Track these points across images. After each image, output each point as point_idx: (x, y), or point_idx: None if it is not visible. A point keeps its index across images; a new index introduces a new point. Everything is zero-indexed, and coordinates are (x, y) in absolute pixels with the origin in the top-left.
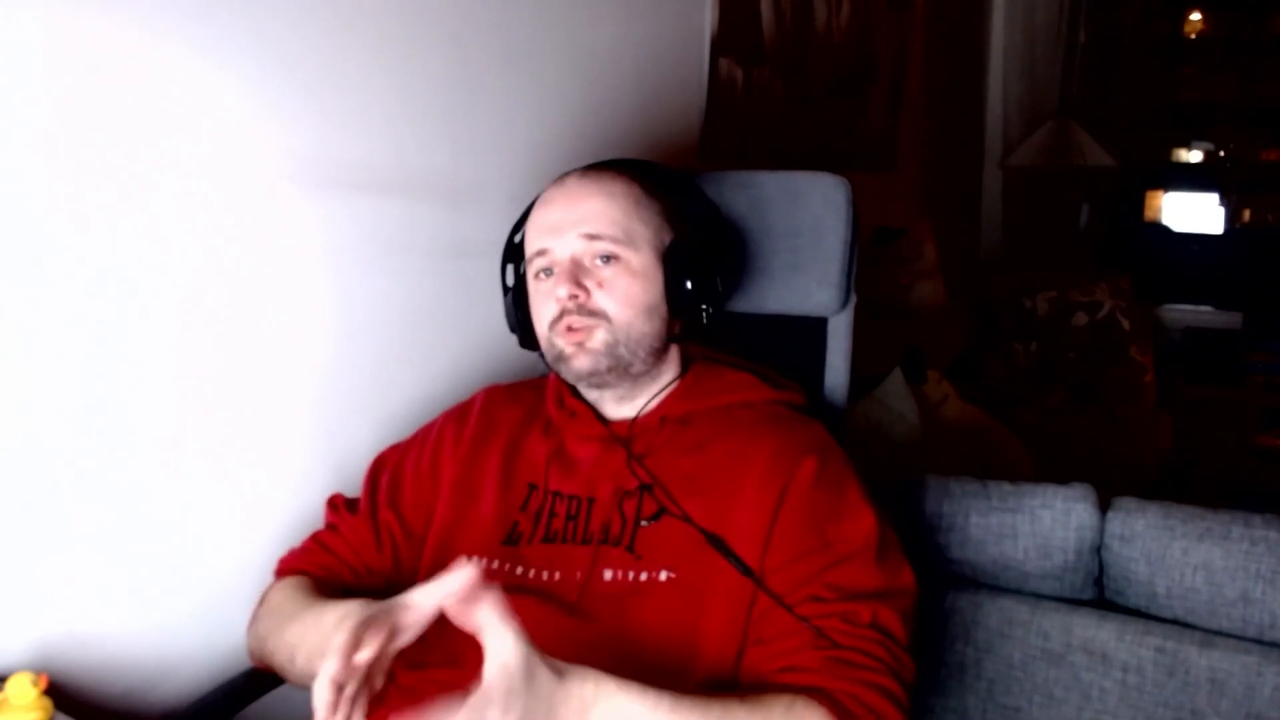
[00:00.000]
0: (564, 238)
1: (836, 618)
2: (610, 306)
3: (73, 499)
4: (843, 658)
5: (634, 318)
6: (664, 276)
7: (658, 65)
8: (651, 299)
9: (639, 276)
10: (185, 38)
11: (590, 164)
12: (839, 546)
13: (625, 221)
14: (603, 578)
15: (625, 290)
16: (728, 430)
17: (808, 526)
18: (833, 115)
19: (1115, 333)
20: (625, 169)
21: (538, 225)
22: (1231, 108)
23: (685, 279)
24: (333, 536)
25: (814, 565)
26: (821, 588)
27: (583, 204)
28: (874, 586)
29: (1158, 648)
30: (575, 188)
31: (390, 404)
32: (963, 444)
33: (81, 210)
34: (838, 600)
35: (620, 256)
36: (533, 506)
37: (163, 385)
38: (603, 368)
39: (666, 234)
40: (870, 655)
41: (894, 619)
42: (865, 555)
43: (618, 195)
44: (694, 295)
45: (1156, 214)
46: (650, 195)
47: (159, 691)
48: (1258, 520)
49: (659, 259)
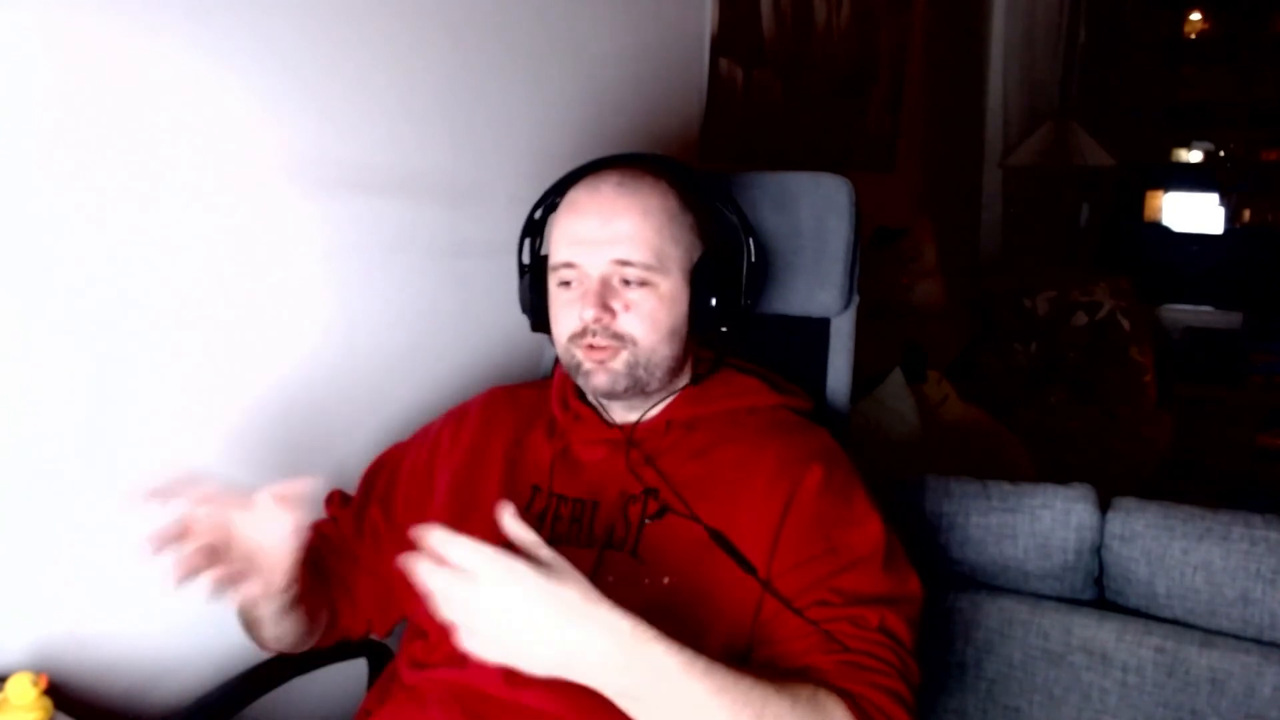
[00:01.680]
0: (594, 255)
1: (845, 621)
2: (636, 330)
3: (73, 499)
4: (853, 661)
5: (658, 342)
6: (690, 296)
7: (658, 65)
8: (676, 322)
9: (666, 301)
10: (185, 38)
11: (626, 157)
12: (846, 552)
13: (659, 243)
14: (606, 582)
15: (651, 315)
16: (733, 436)
17: (814, 533)
18: (833, 115)
19: (1115, 333)
20: (664, 174)
21: (567, 234)
22: (1231, 108)
23: (710, 299)
24: (329, 525)
25: (821, 570)
26: (829, 592)
27: (616, 221)
28: (882, 592)
29: (1158, 648)
30: (611, 199)
31: (390, 404)
32: (963, 444)
33: (80, 211)
34: (845, 605)
35: (651, 282)
36: (536, 509)
37: (163, 385)
38: (620, 388)
39: (696, 249)
40: (879, 659)
41: (901, 625)
42: (873, 561)
43: (653, 212)
44: (717, 314)
45: (1156, 214)
46: (685, 208)
47: (159, 691)
48: (1258, 520)
49: (686, 278)
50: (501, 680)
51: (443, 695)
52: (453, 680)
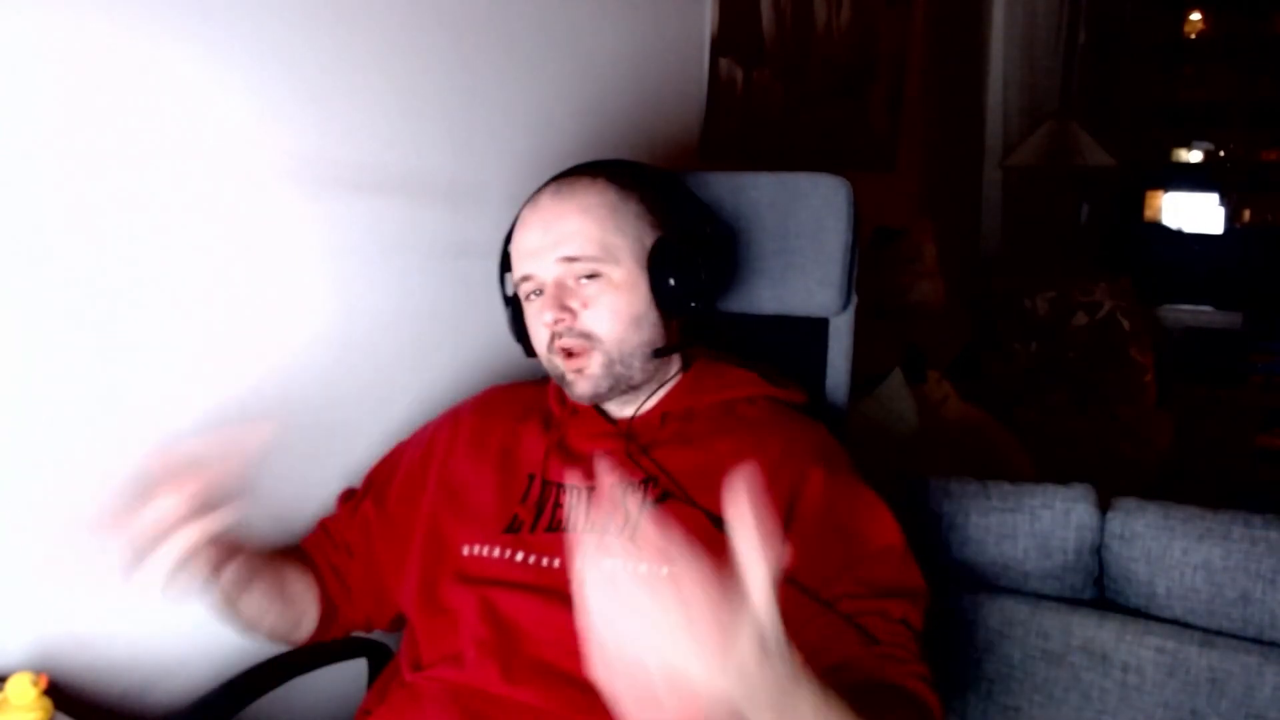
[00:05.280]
0: (543, 262)
1: (875, 615)
2: (598, 326)
3: (74, 499)
4: (887, 653)
5: (624, 332)
6: (648, 280)
7: (658, 65)
8: (638, 308)
9: (622, 289)
10: (185, 38)
11: (564, 172)
12: (864, 541)
13: (602, 236)
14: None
15: (610, 306)
16: (730, 427)
17: (826, 523)
18: (833, 115)
19: (1115, 333)
20: (600, 173)
21: (518, 249)
22: (1231, 108)
23: (669, 279)
24: (331, 520)
25: (840, 558)
26: (854, 584)
27: (558, 225)
28: (903, 585)
29: (1158, 648)
30: (549, 207)
31: (391, 404)
32: (963, 444)
33: (81, 211)
34: (873, 597)
35: (601, 273)
36: (533, 497)
37: (164, 385)
38: (603, 389)
39: (648, 236)
40: (908, 649)
41: (919, 620)
42: (894, 552)
43: (592, 208)
44: (680, 293)
45: (1156, 214)
46: (627, 198)
47: (159, 691)
48: (1258, 520)
49: (642, 265)
50: (499, 678)
51: (441, 694)
52: (451, 679)
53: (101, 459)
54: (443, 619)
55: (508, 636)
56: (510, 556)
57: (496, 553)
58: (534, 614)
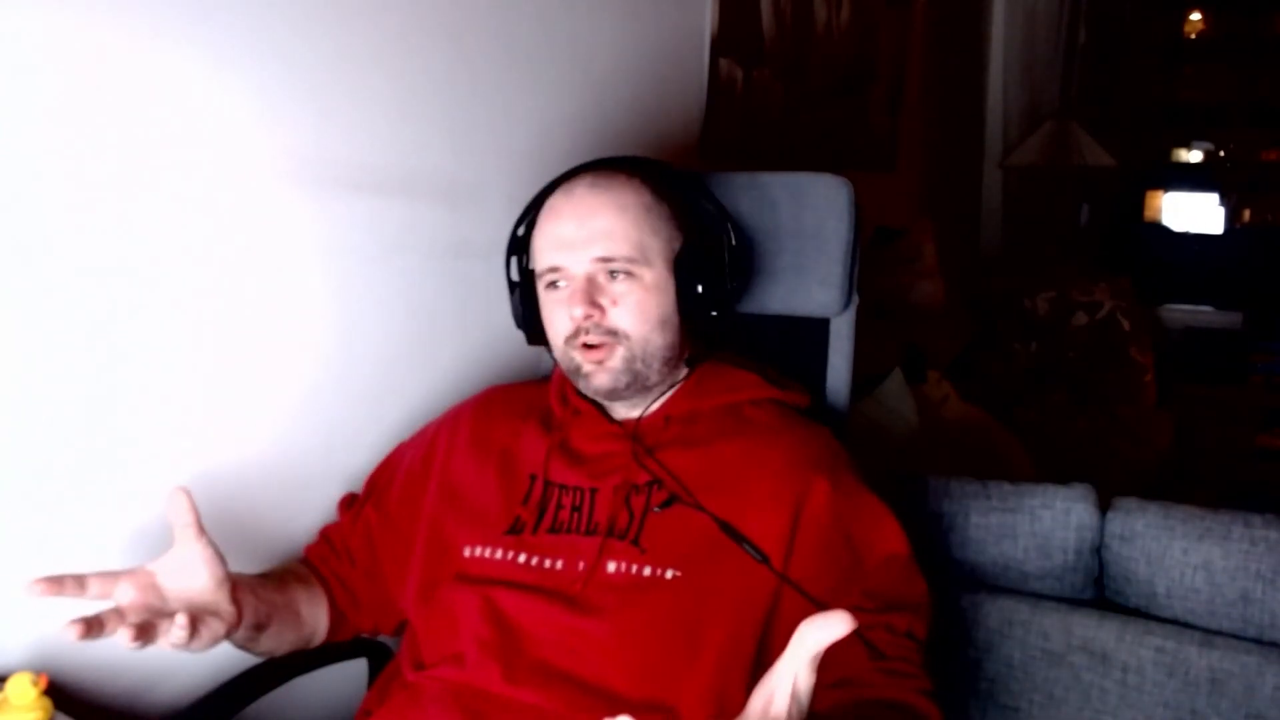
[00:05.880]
0: (577, 256)
1: (882, 629)
2: (626, 324)
3: (74, 499)
4: (893, 669)
5: (650, 332)
6: (675, 285)
7: (658, 65)
8: (665, 311)
9: (652, 291)
10: (185, 38)
11: (597, 162)
12: (871, 550)
13: (638, 236)
14: (606, 570)
15: (639, 306)
16: (735, 430)
17: (834, 532)
18: (833, 115)
19: (1115, 333)
20: (635, 171)
21: (549, 239)
22: (1231, 108)
23: (696, 285)
24: (334, 528)
25: (847, 567)
26: (861, 596)
27: (594, 220)
28: (909, 596)
29: (1158, 648)
30: (585, 199)
31: (391, 405)
32: (963, 444)
33: (80, 210)
34: (880, 610)
35: (634, 274)
36: (535, 498)
37: (163, 384)
38: (622, 385)
39: (676, 240)
40: (911, 663)
41: (923, 631)
42: (898, 562)
43: (629, 207)
44: (705, 301)
45: (1156, 214)
46: (660, 200)
47: (159, 691)
48: (1258, 520)
49: (670, 268)
50: (501, 678)
51: (442, 694)
52: (452, 679)
53: (101, 459)
54: (444, 619)
55: (509, 637)
56: (512, 558)
57: (499, 554)
58: (536, 614)
